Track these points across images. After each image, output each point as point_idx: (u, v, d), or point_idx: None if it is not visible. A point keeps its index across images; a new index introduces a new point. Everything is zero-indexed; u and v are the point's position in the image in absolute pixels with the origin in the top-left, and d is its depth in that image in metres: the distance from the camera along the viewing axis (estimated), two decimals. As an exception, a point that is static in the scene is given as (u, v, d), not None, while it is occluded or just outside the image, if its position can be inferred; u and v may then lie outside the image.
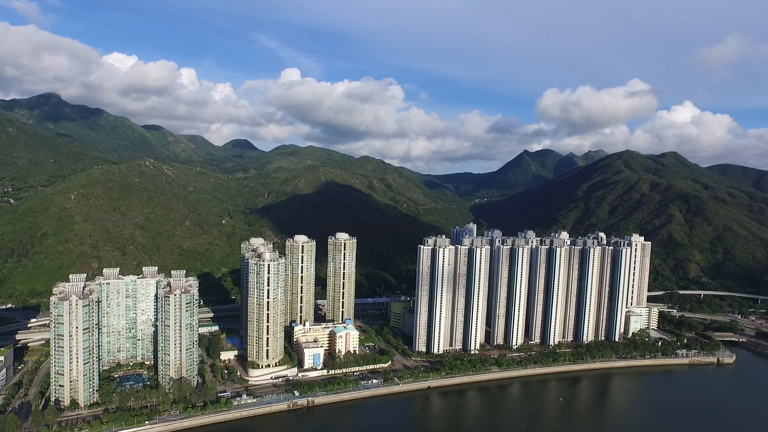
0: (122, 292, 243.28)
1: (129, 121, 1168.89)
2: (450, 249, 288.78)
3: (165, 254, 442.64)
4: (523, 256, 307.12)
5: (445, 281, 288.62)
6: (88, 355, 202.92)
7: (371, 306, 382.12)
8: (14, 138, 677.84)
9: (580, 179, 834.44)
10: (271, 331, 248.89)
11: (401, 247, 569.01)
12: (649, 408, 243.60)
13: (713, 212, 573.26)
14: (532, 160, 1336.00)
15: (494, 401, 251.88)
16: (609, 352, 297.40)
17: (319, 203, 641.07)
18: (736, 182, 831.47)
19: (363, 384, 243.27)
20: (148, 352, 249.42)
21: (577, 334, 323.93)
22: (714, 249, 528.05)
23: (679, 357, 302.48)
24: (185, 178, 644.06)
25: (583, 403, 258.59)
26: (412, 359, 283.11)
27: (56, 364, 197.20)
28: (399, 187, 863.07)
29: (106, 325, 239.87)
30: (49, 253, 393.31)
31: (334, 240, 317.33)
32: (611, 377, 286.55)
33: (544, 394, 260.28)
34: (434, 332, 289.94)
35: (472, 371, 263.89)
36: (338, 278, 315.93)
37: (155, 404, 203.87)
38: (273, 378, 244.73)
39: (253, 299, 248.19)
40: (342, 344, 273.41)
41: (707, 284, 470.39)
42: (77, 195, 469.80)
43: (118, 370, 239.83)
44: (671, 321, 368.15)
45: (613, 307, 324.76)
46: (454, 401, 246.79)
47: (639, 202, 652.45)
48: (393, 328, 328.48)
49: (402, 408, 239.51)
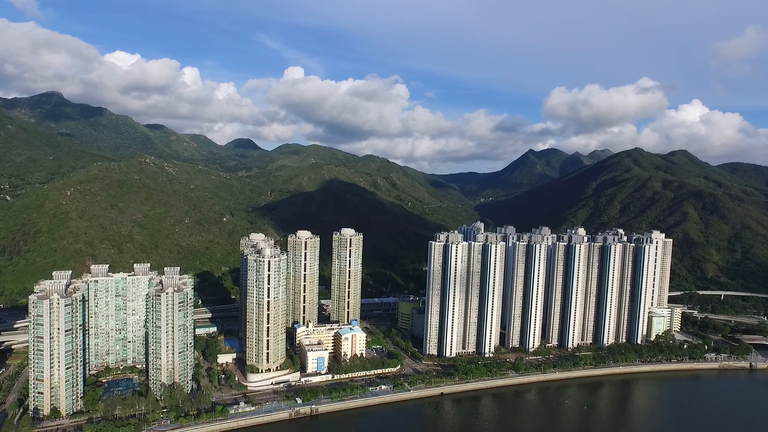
0: (111, 291, 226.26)
1: (131, 120, 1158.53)
2: (463, 245, 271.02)
3: (163, 252, 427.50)
4: (541, 253, 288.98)
5: (458, 280, 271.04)
6: (71, 359, 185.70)
7: (378, 306, 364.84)
8: (13, 135, 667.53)
9: (588, 178, 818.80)
10: (272, 333, 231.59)
11: (407, 245, 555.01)
12: (680, 417, 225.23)
13: (730, 210, 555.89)
14: (538, 160, 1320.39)
15: (512, 408, 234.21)
16: (633, 356, 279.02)
17: (322, 201, 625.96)
18: (748, 180, 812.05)
19: (371, 390, 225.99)
20: (140, 355, 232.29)
21: (596, 337, 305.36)
22: (732, 248, 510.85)
23: (708, 361, 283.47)
24: (186, 176, 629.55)
25: (608, 411, 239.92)
26: (422, 363, 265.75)
27: (35, 369, 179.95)
28: (404, 186, 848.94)
29: (94, 326, 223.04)
30: (42, 250, 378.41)
31: (339, 236, 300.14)
32: (635, 383, 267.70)
33: (566, 401, 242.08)
34: (446, 334, 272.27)
35: (487, 376, 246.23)
36: (343, 276, 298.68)
37: (144, 413, 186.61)
38: (273, 383, 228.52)
39: (253, 298, 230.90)
40: (348, 347, 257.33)
41: (727, 284, 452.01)
42: (74, 191, 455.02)
43: (107, 375, 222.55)
44: (694, 323, 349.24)
45: (635, 308, 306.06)
46: (469, 409, 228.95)
47: (651, 200, 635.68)
48: (401, 330, 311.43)
49: (413, 416, 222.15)
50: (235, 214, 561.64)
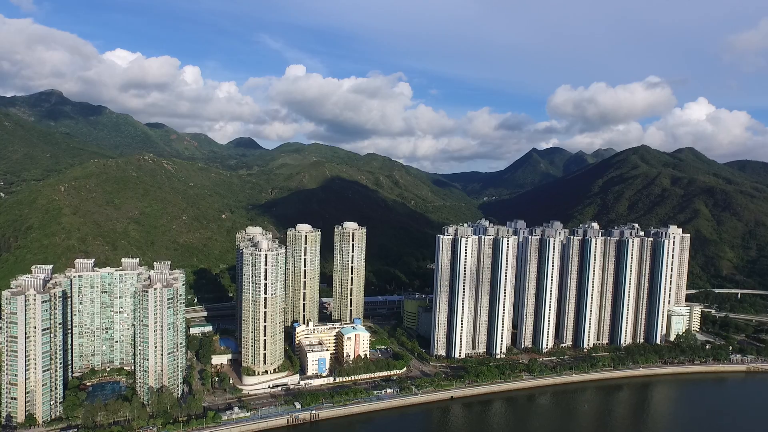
0: (97, 287, 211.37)
1: (131, 118, 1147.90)
2: (473, 239, 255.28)
3: (159, 249, 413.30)
4: (555, 248, 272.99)
5: (468, 276, 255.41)
6: (49, 360, 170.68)
7: (382, 305, 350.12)
8: (10, 132, 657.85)
9: (593, 175, 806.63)
10: (269, 332, 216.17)
11: (410, 243, 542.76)
12: (706, 423, 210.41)
13: (742, 207, 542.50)
14: (541, 158, 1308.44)
15: (526, 414, 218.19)
16: (653, 357, 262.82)
17: (324, 198, 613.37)
18: (757, 178, 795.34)
19: (375, 394, 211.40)
20: (128, 356, 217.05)
21: (613, 336, 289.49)
22: (746, 245, 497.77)
23: (733, 363, 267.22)
24: (186, 174, 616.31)
25: (630, 416, 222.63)
26: (430, 365, 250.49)
27: (8, 372, 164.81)
28: (406, 184, 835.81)
29: (78, 325, 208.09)
30: (33, 247, 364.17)
31: (341, 230, 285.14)
32: (657, 386, 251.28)
33: (585, 405, 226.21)
34: (455, 334, 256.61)
35: (500, 378, 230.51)
36: (346, 273, 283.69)
37: (129, 419, 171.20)
38: (271, 387, 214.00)
39: (249, 295, 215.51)
40: (350, 347, 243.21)
41: (743, 282, 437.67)
42: (68, 187, 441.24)
43: (92, 378, 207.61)
44: (714, 322, 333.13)
45: (653, 306, 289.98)
46: (481, 414, 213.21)
47: (660, 197, 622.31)
48: (407, 329, 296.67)
49: (421, 422, 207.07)
50: (234, 211, 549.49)
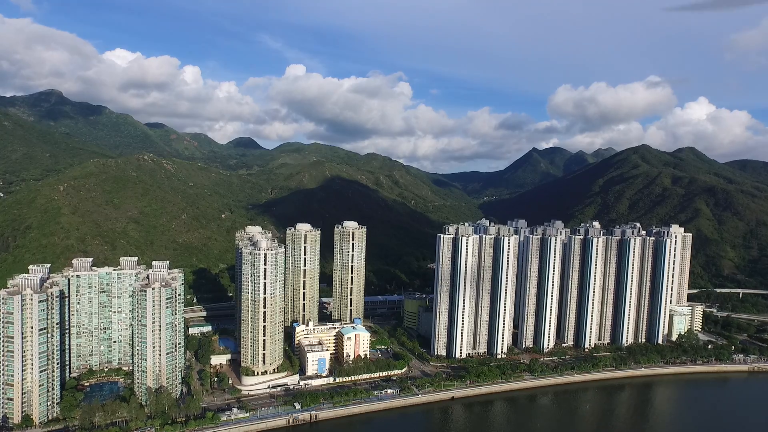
0: (95, 286, 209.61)
1: (131, 118, 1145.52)
2: (474, 238, 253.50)
3: (159, 249, 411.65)
4: (556, 247, 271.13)
5: (468, 275, 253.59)
6: (46, 360, 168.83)
7: (382, 304, 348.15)
8: (9, 132, 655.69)
9: (594, 175, 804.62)
10: (268, 332, 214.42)
11: (411, 243, 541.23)
12: (709, 424, 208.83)
13: (743, 206, 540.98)
14: (542, 158, 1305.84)
15: (528, 414, 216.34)
16: (655, 357, 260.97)
17: (324, 198, 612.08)
18: (758, 177, 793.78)
19: (375, 394, 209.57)
20: (127, 356, 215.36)
21: (614, 336, 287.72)
22: (748, 245, 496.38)
23: (736, 363, 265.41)
24: (185, 173, 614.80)
25: (632, 417, 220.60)
26: (431, 365, 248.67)
27: (4, 372, 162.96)
28: (406, 184, 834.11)
29: (76, 325, 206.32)
30: (32, 247, 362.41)
31: (341, 229, 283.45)
32: (659, 386, 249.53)
33: (586, 405, 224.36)
34: (456, 334, 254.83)
35: (501, 379, 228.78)
36: (346, 272, 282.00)
37: (126, 420, 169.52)
38: (270, 387, 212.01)
39: (248, 294, 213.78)
40: (351, 347, 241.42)
41: (745, 282, 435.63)
42: (67, 187, 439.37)
43: (90, 378, 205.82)
44: (716, 322, 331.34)
45: (655, 306, 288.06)
46: (482, 414, 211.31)
47: (661, 197, 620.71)
48: (407, 329, 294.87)
49: (421, 423, 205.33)
50: (234, 211, 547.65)
